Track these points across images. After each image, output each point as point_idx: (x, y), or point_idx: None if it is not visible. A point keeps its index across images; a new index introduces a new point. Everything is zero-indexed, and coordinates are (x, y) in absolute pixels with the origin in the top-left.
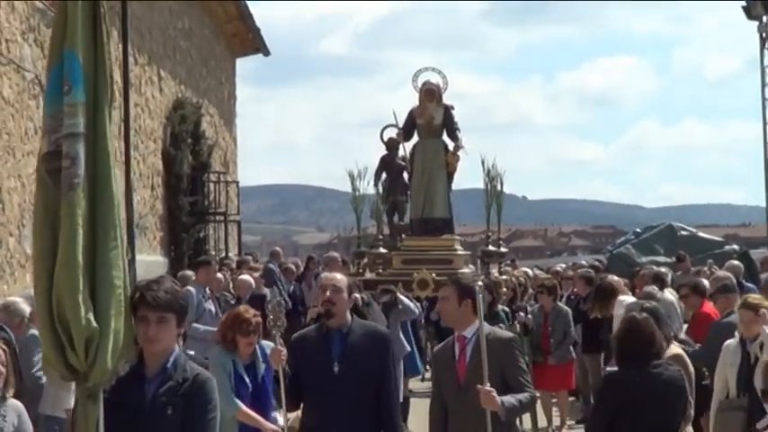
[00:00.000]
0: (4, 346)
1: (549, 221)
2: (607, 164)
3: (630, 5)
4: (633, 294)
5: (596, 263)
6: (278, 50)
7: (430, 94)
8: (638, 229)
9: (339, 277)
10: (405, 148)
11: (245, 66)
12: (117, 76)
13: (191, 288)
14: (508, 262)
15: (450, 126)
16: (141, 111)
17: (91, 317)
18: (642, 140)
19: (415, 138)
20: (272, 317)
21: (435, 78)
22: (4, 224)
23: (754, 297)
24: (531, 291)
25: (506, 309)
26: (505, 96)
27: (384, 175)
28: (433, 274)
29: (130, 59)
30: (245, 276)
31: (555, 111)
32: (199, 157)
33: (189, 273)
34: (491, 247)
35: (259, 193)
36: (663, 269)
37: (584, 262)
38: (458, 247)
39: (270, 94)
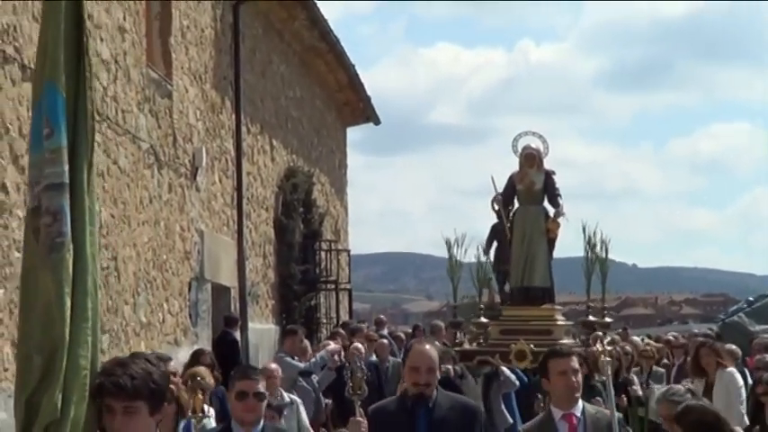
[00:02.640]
0: None
1: (660, 290)
2: (719, 232)
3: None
4: (745, 364)
5: (709, 331)
6: (389, 119)
7: (530, 158)
8: (751, 298)
9: (431, 355)
10: (503, 215)
11: (357, 134)
12: (230, 145)
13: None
14: (619, 331)
15: (551, 192)
16: (253, 179)
17: (59, 401)
18: (754, 207)
19: (516, 204)
20: (351, 384)
21: (536, 143)
22: (120, 292)
23: None
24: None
25: (604, 380)
26: (617, 163)
27: (495, 244)
28: (532, 345)
29: (243, 128)
30: (358, 344)
31: (666, 177)
32: (310, 226)
33: (305, 341)
34: (591, 318)
35: (369, 262)
36: None
37: (696, 330)
38: (558, 317)
39: (381, 162)
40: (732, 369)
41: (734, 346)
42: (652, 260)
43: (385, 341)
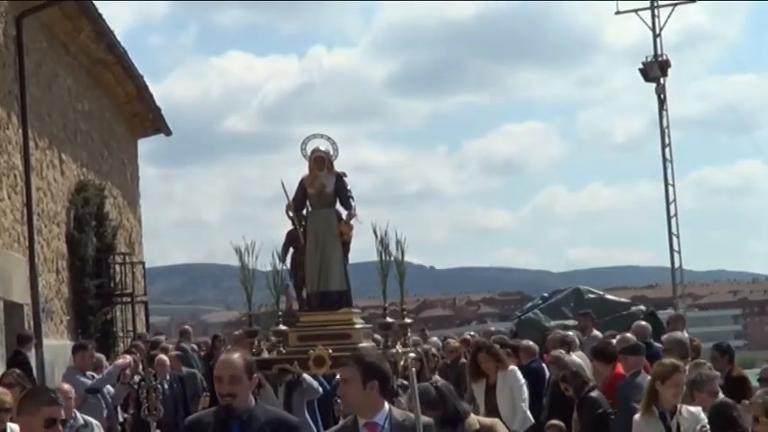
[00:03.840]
0: None
1: (458, 290)
2: (515, 231)
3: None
4: (542, 358)
5: (503, 330)
6: (182, 130)
7: (319, 161)
8: (546, 294)
9: (236, 363)
10: (296, 220)
11: (149, 146)
12: (18, 161)
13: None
14: (418, 332)
15: (342, 194)
16: (44, 195)
17: None
18: (548, 206)
19: (309, 208)
20: (146, 404)
21: (324, 145)
22: None
23: (667, 362)
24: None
25: (404, 382)
26: (412, 166)
27: (291, 250)
28: (330, 350)
29: (31, 143)
30: (163, 356)
31: (462, 179)
32: (103, 239)
33: (99, 355)
34: (389, 319)
35: (167, 274)
36: (570, 332)
37: (492, 328)
38: (356, 320)
39: (176, 173)
40: (514, 368)
41: (531, 342)
42: (449, 262)
43: (162, 357)
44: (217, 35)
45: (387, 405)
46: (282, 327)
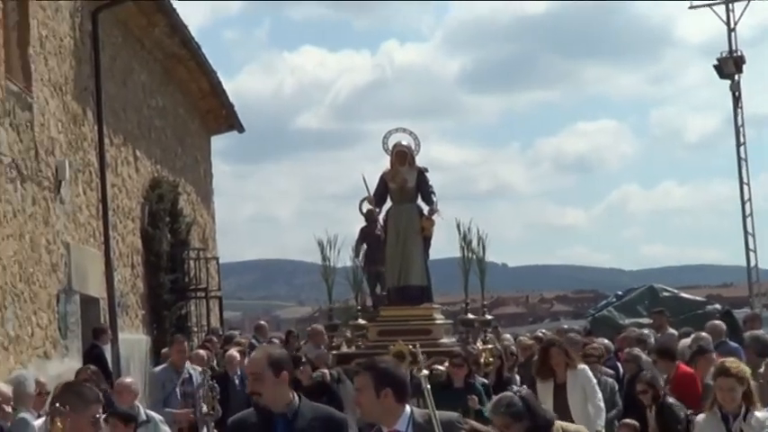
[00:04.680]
0: None
1: (531, 288)
2: (588, 229)
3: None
4: (617, 357)
5: (576, 328)
6: (255, 126)
7: (401, 156)
8: (620, 292)
9: (256, 361)
10: (376, 215)
11: (222, 142)
12: (93, 157)
13: (155, 369)
14: (491, 329)
15: (424, 189)
16: (118, 191)
17: None
18: (622, 204)
19: (389, 203)
20: (204, 404)
21: (407, 140)
22: None
23: (732, 362)
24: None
25: (485, 381)
26: (485, 164)
27: (364, 246)
28: (410, 346)
29: (106, 140)
30: (233, 352)
31: (535, 177)
32: (177, 235)
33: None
34: (470, 315)
35: (240, 269)
36: (645, 330)
37: (565, 326)
38: (437, 315)
39: (249, 169)
40: (584, 366)
41: (606, 340)
42: (522, 259)
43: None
44: (290, 30)
45: (408, 409)
46: (361, 321)
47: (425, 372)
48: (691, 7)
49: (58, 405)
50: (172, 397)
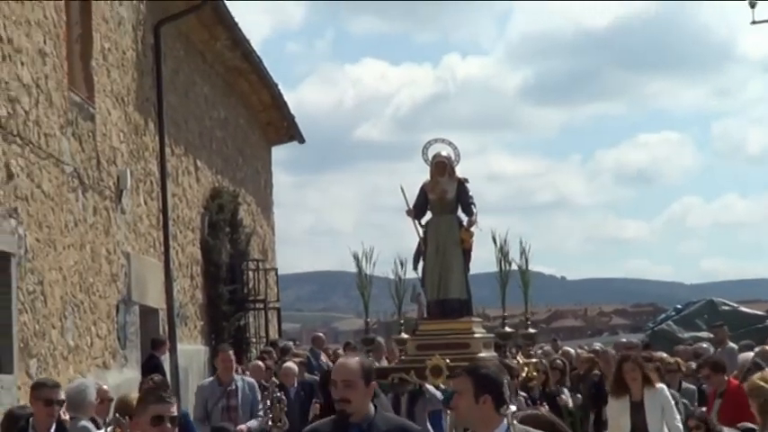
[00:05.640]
0: None
1: (589, 301)
2: (648, 242)
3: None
4: (679, 369)
5: (635, 341)
6: (315, 137)
7: (440, 167)
8: (679, 306)
9: (351, 367)
10: (415, 226)
11: (282, 153)
12: (154, 167)
13: (201, 383)
14: (550, 342)
15: (464, 200)
16: (179, 201)
17: None
18: (682, 217)
19: (429, 215)
20: (271, 415)
21: (446, 150)
22: (47, 316)
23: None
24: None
25: (524, 394)
26: (545, 176)
27: (422, 260)
28: (447, 360)
29: (167, 150)
30: (291, 364)
31: (595, 189)
32: (237, 246)
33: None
34: (507, 329)
35: (299, 281)
36: (704, 344)
37: (624, 340)
38: (476, 329)
39: (308, 181)
40: (663, 386)
41: (664, 354)
42: (581, 272)
43: (290, 364)
44: (352, 43)
45: (506, 421)
46: (404, 335)
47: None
48: (753, 22)
49: (118, 416)
50: (214, 413)
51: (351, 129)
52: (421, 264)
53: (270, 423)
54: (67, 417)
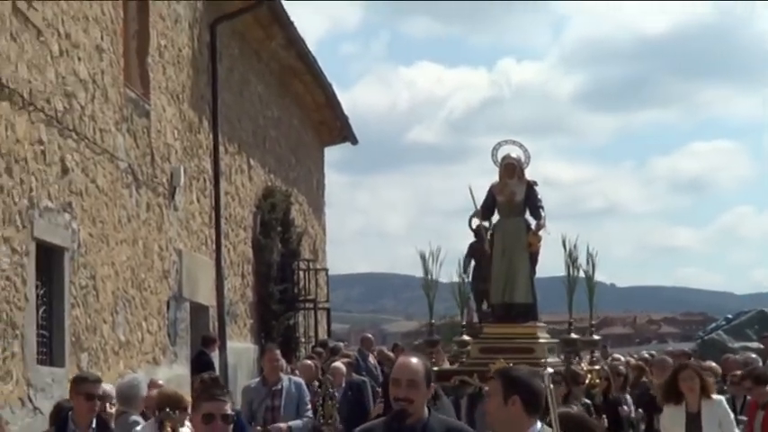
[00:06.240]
0: None
1: (639, 309)
2: (699, 251)
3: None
4: (723, 380)
5: (686, 350)
6: (369, 138)
7: (510, 168)
8: (730, 315)
9: (415, 367)
10: (482, 229)
11: (335, 154)
12: (208, 165)
13: (247, 384)
14: (599, 349)
15: (532, 203)
16: (231, 199)
17: None
18: (734, 226)
19: (496, 217)
20: (322, 413)
21: (516, 152)
22: (99, 311)
23: None
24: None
25: (587, 401)
26: (598, 182)
27: (473, 262)
28: (511, 364)
29: (221, 148)
30: (339, 364)
31: (647, 196)
32: (288, 245)
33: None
34: (573, 335)
35: (349, 282)
36: (753, 354)
37: (671, 348)
38: (541, 334)
39: (361, 182)
40: (721, 398)
41: (713, 364)
42: (631, 279)
43: (338, 364)
44: (407, 45)
45: (538, 426)
46: (465, 337)
47: (550, 369)
48: None
49: (168, 410)
50: (258, 413)
51: (404, 131)
52: (471, 266)
53: (321, 420)
54: (113, 410)
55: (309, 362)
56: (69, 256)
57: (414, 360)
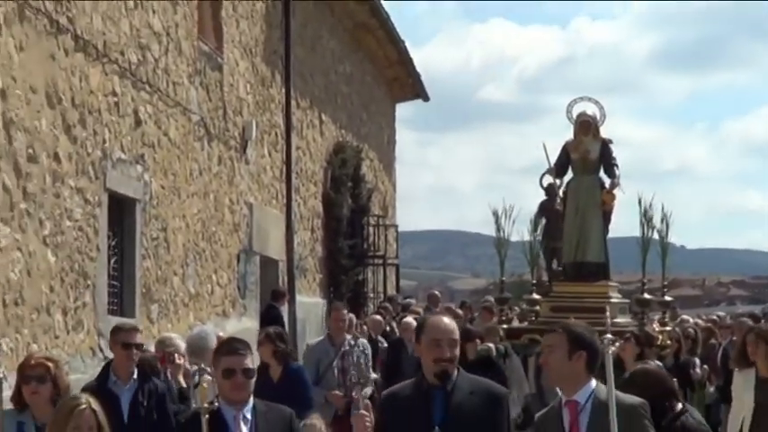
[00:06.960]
0: (97, 407)
1: (708, 271)
2: None
3: None
4: None
5: (756, 312)
6: (440, 96)
7: (585, 126)
8: None
9: (453, 326)
10: (555, 186)
11: (407, 111)
12: (280, 119)
13: (310, 343)
14: (669, 311)
15: (607, 161)
16: (302, 154)
17: None
18: None
19: (570, 174)
20: (353, 372)
21: (592, 110)
22: (169, 263)
23: None
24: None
25: (659, 363)
26: (670, 143)
27: (543, 221)
28: (583, 323)
29: (293, 103)
30: (410, 319)
31: (719, 158)
32: (358, 201)
33: (350, 315)
34: (646, 295)
35: (417, 239)
36: None
37: (740, 311)
38: (613, 294)
39: (431, 139)
40: None
41: None
42: (701, 241)
43: (409, 319)
44: (480, 2)
45: (593, 383)
46: (535, 296)
47: (610, 336)
48: None
49: (203, 366)
50: (328, 374)
51: (476, 89)
52: (541, 225)
53: (352, 380)
54: (181, 362)
55: (378, 317)
56: (141, 207)
57: (448, 320)
